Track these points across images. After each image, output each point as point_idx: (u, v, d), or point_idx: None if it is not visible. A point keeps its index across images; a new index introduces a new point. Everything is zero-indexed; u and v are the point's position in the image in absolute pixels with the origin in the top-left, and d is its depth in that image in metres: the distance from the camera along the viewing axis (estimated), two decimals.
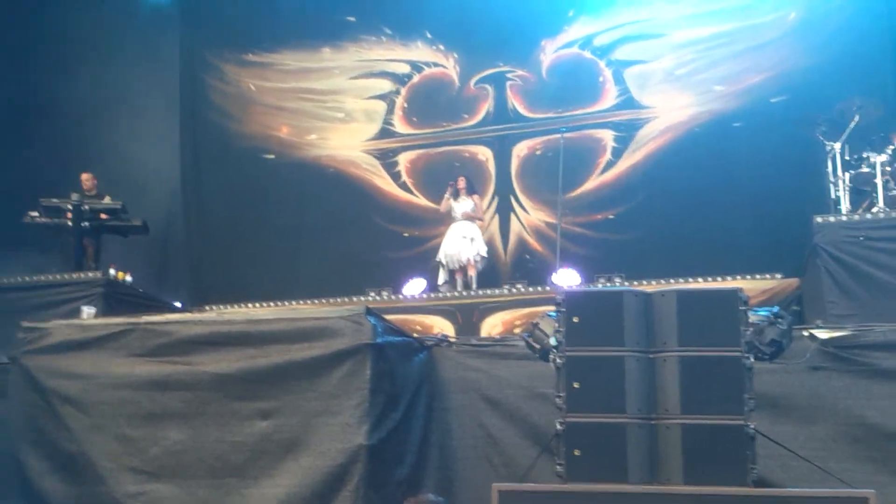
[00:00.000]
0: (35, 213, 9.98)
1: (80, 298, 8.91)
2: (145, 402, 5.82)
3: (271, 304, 10.88)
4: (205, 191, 13.63)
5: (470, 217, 11.15)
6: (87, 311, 8.23)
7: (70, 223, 9.96)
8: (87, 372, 6.03)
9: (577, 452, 4.35)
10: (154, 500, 5.55)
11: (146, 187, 12.54)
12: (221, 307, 10.79)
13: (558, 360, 4.61)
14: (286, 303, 10.84)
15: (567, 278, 10.27)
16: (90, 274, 9.46)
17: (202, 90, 13.77)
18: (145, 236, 10.85)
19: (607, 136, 12.14)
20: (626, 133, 12.04)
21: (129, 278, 9.82)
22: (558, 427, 4.45)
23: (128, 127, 12.87)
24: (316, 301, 10.66)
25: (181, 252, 13.25)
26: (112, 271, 9.55)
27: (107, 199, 10.43)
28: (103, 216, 10.24)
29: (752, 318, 4.64)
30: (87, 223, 10.03)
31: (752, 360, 4.49)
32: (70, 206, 9.94)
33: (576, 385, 4.49)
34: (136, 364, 5.97)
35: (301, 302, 10.76)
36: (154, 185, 12.89)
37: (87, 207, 10.05)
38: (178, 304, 11.01)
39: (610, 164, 12.05)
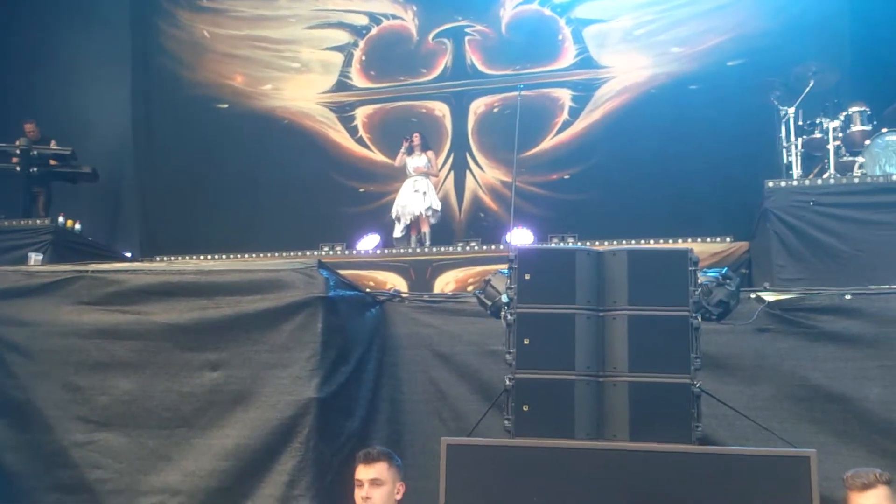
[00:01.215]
0: None
1: (27, 245, 8.75)
2: (93, 351, 5.73)
3: (224, 256, 10.76)
4: (157, 139, 13.37)
5: (423, 172, 11.13)
6: (35, 258, 8.09)
7: (18, 168, 9.71)
8: (33, 319, 5.91)
9: (525, 408, 4.38)
10: (102, 449, 5.50)
11: (96, 134, 12.29)
12: (172, 258, 10.65)
13: (509, 317, 4.62)
14: (239, 255, 10.74)
15: (521, 237, 10.30)
16: (38, 221, 9.26)
17: (154, 35, 13.46)
18: (95, 184, 10.63)
19: (565, 96, 12.14)
20: (584, 93, 12.06)
21: (78, 226, 9.65)
22: (507, 383, 4.48)
23: (77, 73, 12.57)
24: (269, 254, 10.59)
25: (132, 201, 13.05)
26: (61, 219, 9.36)
27: (53, 145, 10.18)
28: (52, 162, 10.01)
29: (701, 278, 4.69)
30: (35, 169, 9.80)
31: (700, 320, 4.54)
32: (18, 152, 9.69)
33: (526, 342, 4.51)
34: (84, 312, 5.86)
35: (254, 255, 10.68)
36: (105, 132, 12.64)
37: (35, 153, 9.81)
38: (128, 255, 10.85)
39: (567, 124, 12.07)
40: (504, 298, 4.75)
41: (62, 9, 12.64)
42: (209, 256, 10.83)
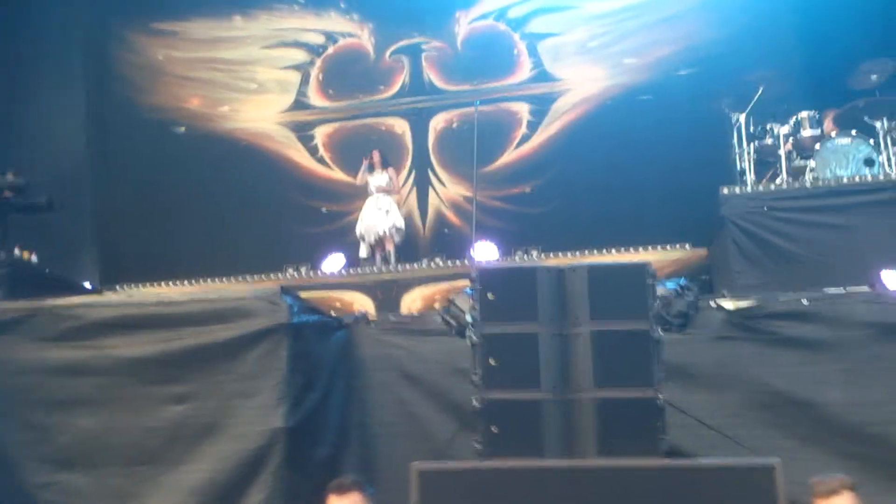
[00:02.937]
0: None
1: None
2: (54, 389, 5.67)
3: (186, 282, 10.67)
4: (113, 165, 13.18)
5: (385, 190, 11.12)
6: None
7: None
8: None
9: (494, 429, 4.41)
10: (65, 490, 5.44)
11: (51, 163, 12.09)
12: (133, 287, 10.54)
13: (474, 337, 4.66)
14: (202, 281, 10.65)
15: (485, 252, 10.34)
16: None
17: (108, 60, 13.28)
18: (51, 214, 10.47)
19: (523, 110, 12.21)
20: (541, 106, 12.12)
21: (34, 258, 9.49)
22: (475, 404, 4.50)
23: (29, 100, 12.38)
24: (233, 279, 10.51)
25: (90, 230, 12.85)
26: (17, 251, 9.21)
27: (9, 176, 10.02)
28: (7, 194, 9.84)
29: (660, 290, 4.77)
30: None
31: (661, 332, 4.61)
32: None
33: (492, 362, 4.54)
34: (43, 349, 5.81)
35: (218, 280, 10.59)
36: (59, 160, 12.43)
37: None
38: (87, 285, 10.69)
39: (525, 138, 12.12)
40: (468, 318, 4.78)
41: (13, 36, 12.47)
42: (171, 283, 10.72)
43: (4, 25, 12.41)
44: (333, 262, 11.02)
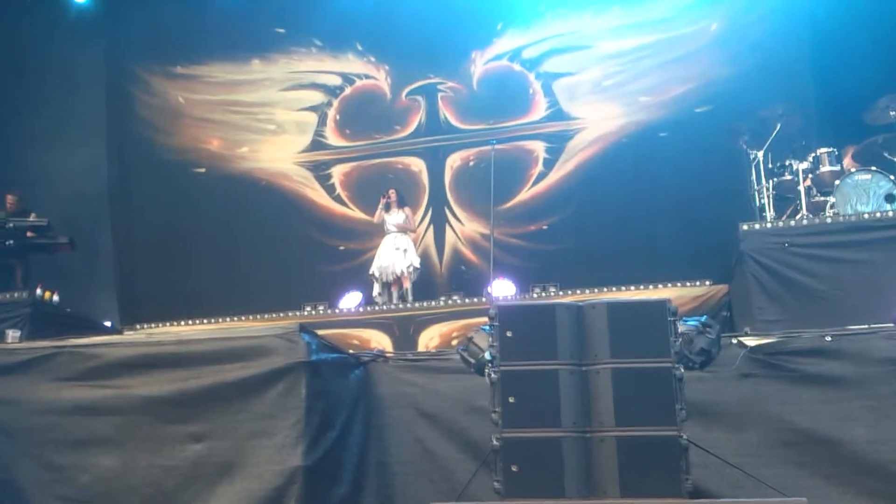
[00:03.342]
0: None
1: (5, 320, 8.61)
2: (74, 428, 5.67)
3: (205, 321, 10.69)
4: (134, 206, 13.36)
5: (402, 229, 11.16)
6: (12, 335, 7.96)
7: None
8: (12, 397, 5.85)
9: (514, 468, 4.37)
10: None
11: (72, 203, 12.24)
12: (153, 325, 10.57)
13: (493, 375, 4.63)
14: (221, 319, 10.67)
15: (502, 289, 10.31)
16: (15, 294, 9.18)
17: (129, 103, 13.51)
18: (73, 254, 10.57)
19: (539, 148, 12.28)
20: (557, 144, 12.20)
21: (56, 298, 9.55)
22: (495, 443, 4.46)
23: (52, 141, 12.57)
24: (251, 317, 10.54)
25: (110, 270, 12.96)
26: (39, 291, 9.29)
27: (32, 217, 10.15)
28: (29, 234, 9.96)
29: (682, 328, 4.72)
30: (11, 241, 9.75)
31: (683, 369, 4.56)
32: None
33: (511, 400, 4.51)
34: (63, 388, 5.82)
35: (236, 318, 10.62)
36: (81, 201, 12.59)
37: (11, 225, 9.77)
38: (107, 324, 10.75)
39: (542, 176, 12.19)
40: (487, 356, 4.75)
41: (36, 77, 12.70)
42: (190, 322, 10.74)
43: (28, 66, 12.64)
44: (350, 300, 11.02)
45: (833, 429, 5.34)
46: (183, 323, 10.68)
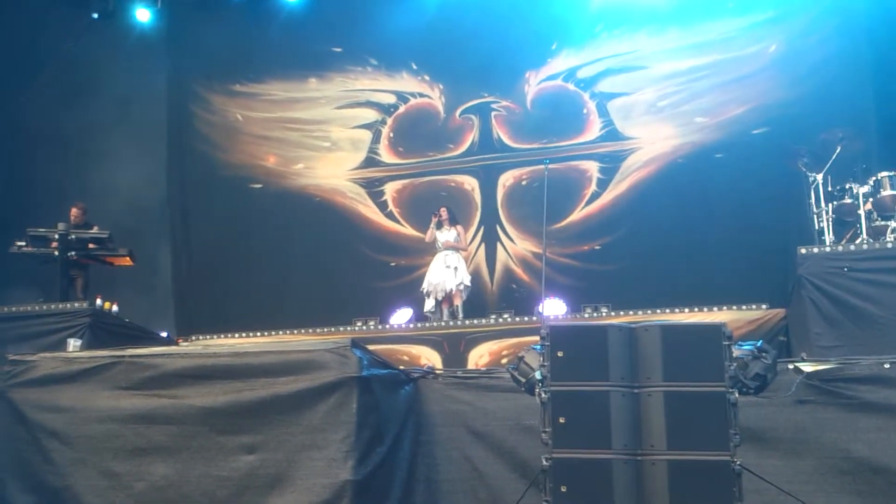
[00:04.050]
0: (22, 243, 9.91)
1: (66, 329, 8.84)
2: (130, 437, 5.79)
3: (258, 334, 10.82)
4: (191, 220, 13.62)
5: (453, 247, 11.18)
6: (73, 344, 8.18)
7: (56, 253, 9.91)
8: (72, 405, 6.01)
9: (563, 488, 4.35)
10: None
11: (133, 216, 12.52)
12: (208, 337, 10.74)
13: (543, 395, 4.62)
14: (273, 333, 10.80)
15: (553, 308, 10.28)
16: (76, 304, 9.40)
17: (189, 120, 13.80)
18: (132, 266, 10.80)
19: (592, 168, 12.24)
20: (611, 164, 12.14)
21: (115, 308, 9.77)
22: (544, 463, 4.45)
23: (114, 156, 12.87)
24: (303, 331, 10.65)
25: (168, 282, 13.21)
26: (99, 301, 9.50)
27: (94, 230, 10.40)
28: (90, 245, 10.20)
29: (736, 352, 4.68)
30: (73, 253, 9.99)
31: (737, 394, 4.51)
32: (56, 236, 9.90)
33: (561, 420, 4.50)
34: (121, 397, 5.95)
35: (288, 332, 10.74)
36: (141, 214, 12.88)
37: (73, 237, 10.00)
38: (164, 334, 10.95)
39: (595, 196, 12.14)
40: (538, 375, 4.76)
41: (99, 92, 13.05)
42: (244, 335, 10.89)
43: (93, 83, 13.00)
44: (401, 316, 11.07)
45: (890, 458, 5.25)
46: (237, 335, 10.84)
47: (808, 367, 5.59)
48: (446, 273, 10.95)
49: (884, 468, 5.22)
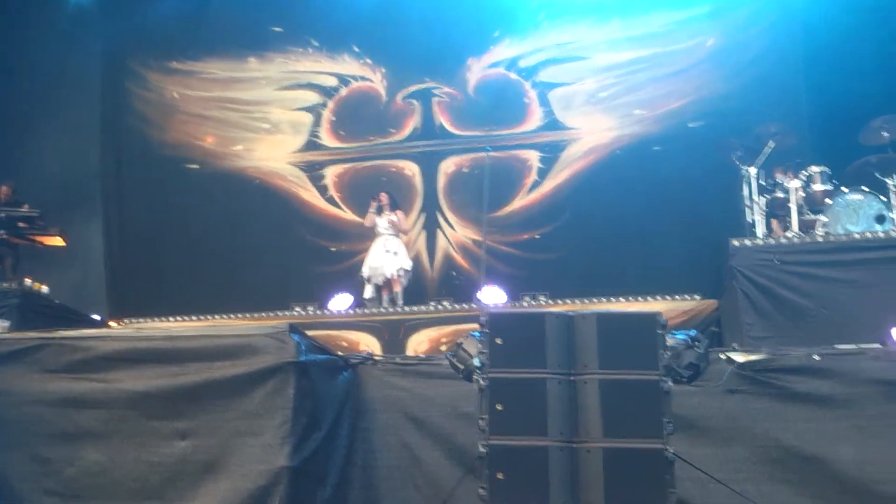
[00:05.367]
0: None
1: None
2: (60, 421, 5.65)
3: (193, 317, 10.67)
4: (126, 200, 13.31)
5: (393, 232, 11.13)
6: (1, 325, 7.96)
7: None
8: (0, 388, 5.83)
9: (500, 475, 4.38)
10: None
11: (64, 195, 12.22)
12: (141, 321, 10.55)
13: (481, 382, 4.64)
14: (209, 317, 10.65)
15: (492, 296, 10.35)
16: (4, 285, 9.15)
17: (124, 97, 13.47)
18: (63, 246, 10.54)
19: (533, 157, 12.31)
20: (551, 154, 12.22)
21: (45, 289, 9.53)
22: (481, 450, 4.47)
23: (45, 133, 12.55)
24: (241, 315, 10.53)
25: (100, 262, 12.91)
26: (28, 282, 9.26)
27: (25, 208, 10.13)
28: (20, 224, 9.94)
29: (671, 341, 4.74)
30: (2, 231, 9.72)
31: (671, 383, 4.58)
32: None
33: (499, 407, 4.52)
34: (50, 380, 5.80)
35: (224, 316, 10.61)
36: (73, 193, 12.58)
37: (2, 215, 9.75)
38: (96, 317, 10.71)
39: (536, 185, 12.21)
40: (476, 362, 4.77)
41: (31, 68, 12.68)
42: (180, 318, 10.73)
43: (23, 58, 12.62)
44: (340, 302, 11.02)
45: (819, 447, 5.37)
46: (171, 319, 10.67)
47: (739, 358, 5.69)
48: (386, 257, 10.92)
49: (812, 457, 5.34)
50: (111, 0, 13.42)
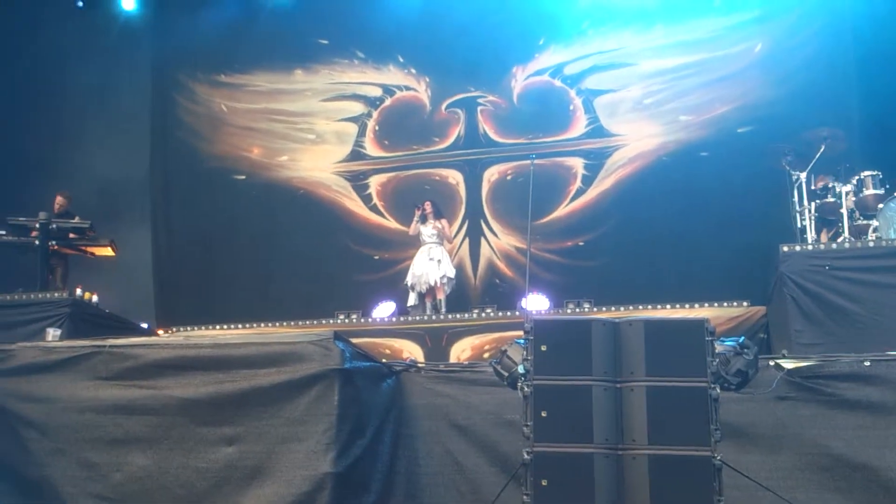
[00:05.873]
0: (2, 232, 9.82)
1: (45, 319, 8.73)
2: (109, 427, 5.75)
3: (240, 326, 10.78)
4: (174, 210, 13.55)
5: (437, 240, 11.15)
6: (52, 333, 8.10)
7: (37, 242, 9.82)
8: (50, 395, 5.95)
9: (544, 482, 4.35)
10: None
11: (115, 206, 12.45)
12: (189, 329, 10.68)
13: (526, 389, 4.62)
14: (255, 325, 10.76)
15: (536, 303, 10.29)
16: (56, 294, 9.31)
17: (173, 110, 13.72)
18: (113, 256, 10.72)
19: (577, 164, 12.27)
20: (596, 161, 12.18)
21: (95, 298, 9.69)
22: (525, 456, 4.45)
23: (96, 144, 12.80)
24: (285, 323, 10.61)
25: (149, 272, 13.13)
26: (79, 291, 9.42)
27: (76, 219, 10.31)
28: (71, 235, 10.11)
29: (719, 348, 4.68)
30: (53, 242, 9.91)
31: (719, 390, 4.52)
32: (37, 225, 9.80)
33: (543, 414, 4.50)
34: (100, 388, 5.90)
35: (270, 324, 10.70)
36: (123, 204, 12.81)
37: (54, 226, 9.91)
38: (144, 326, 10.87)
39: (580, 192, 12.17)
40: (521, 370, 4.75)
41: (83, 82, 12.95)
42: (226, 326, 10.85)
43: (76, 71, 12.90)
44: (384, 310, 11.05)
45: (869, 455, 5.27)
46: (218, 327, 10.79)
47: (788, 364, 5.60)
48: (430, 265, 10.94)
49: (862, 465, 5.25)
50: (161, 15, 13.68)
